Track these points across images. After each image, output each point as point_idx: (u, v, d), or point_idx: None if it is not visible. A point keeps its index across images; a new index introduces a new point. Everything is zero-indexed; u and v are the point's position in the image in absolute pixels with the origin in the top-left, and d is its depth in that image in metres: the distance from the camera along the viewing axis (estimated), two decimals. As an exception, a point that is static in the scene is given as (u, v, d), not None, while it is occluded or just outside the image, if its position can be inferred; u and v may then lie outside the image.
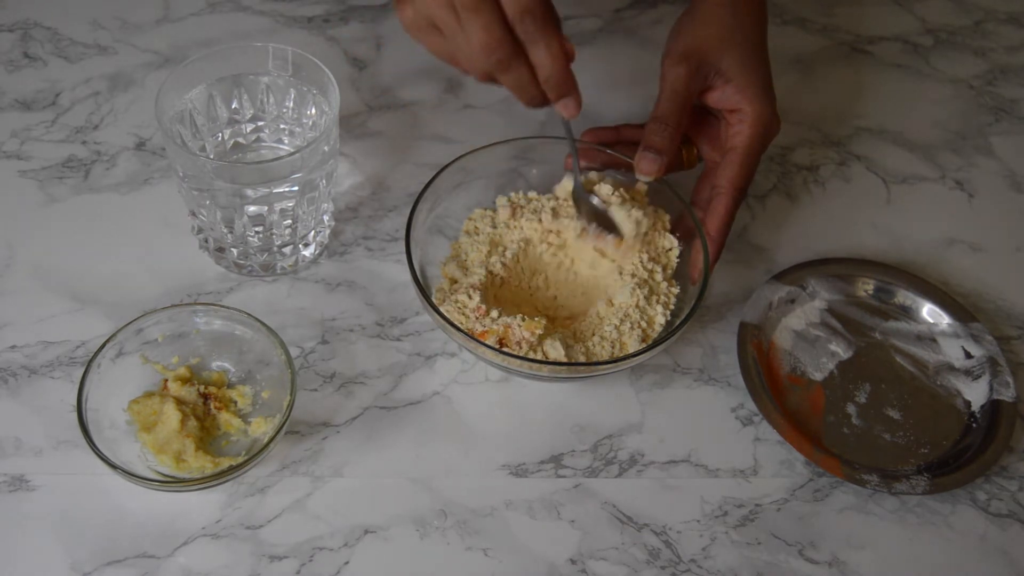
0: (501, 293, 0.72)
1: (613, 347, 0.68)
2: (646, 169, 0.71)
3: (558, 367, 0.66)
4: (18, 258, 0.76)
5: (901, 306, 0.77)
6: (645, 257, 0.72)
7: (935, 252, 0.83)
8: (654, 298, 0.70)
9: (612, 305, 0.70)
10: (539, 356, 0.66)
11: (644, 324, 0.69)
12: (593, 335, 0.69)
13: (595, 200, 0.72)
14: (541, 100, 0.62)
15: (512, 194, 0.76)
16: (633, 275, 0.71)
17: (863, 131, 0.91)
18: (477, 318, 0.68)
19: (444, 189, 0.74)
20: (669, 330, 0.69)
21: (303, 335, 0.73)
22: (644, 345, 0.68)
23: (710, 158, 0.76)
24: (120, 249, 0.77)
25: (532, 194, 0.76)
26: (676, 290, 0.72)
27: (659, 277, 0.72)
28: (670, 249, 0.73)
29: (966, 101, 0.95)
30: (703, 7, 0.74)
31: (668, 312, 0.70)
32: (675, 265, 0.73)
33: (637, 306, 0.69)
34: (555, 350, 0.67)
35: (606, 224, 0.71)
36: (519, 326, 0.66)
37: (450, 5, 0.58)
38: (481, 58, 0.59)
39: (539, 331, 0.67)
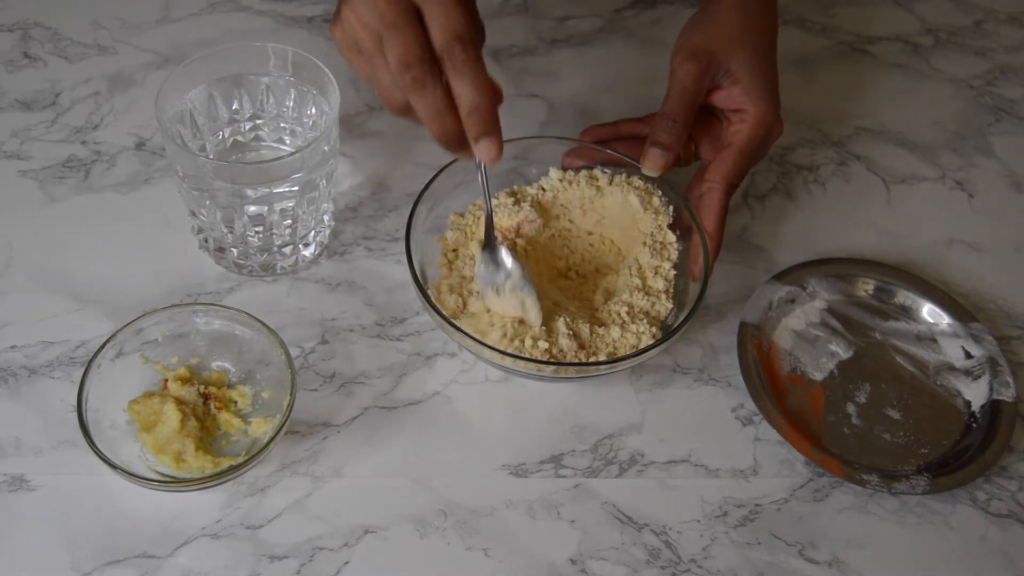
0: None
1: (638, 341, 0.68)
2: (653, 165, 0.71)
3: (558, 367, 0.66)
4: (18, 258, 0.76)
5: (901, 306, 0.77)
6: (648, 254, 0.72)
7: (935, 252, 0.83)
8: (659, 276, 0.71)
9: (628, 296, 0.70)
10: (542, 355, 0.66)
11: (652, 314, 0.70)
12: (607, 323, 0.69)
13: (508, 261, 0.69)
14: (457, 135, 0.58)
15: (515, 187, 0.76)
16: (633, 268, 0.71)
17: (863, 131, 0.91)
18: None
19: (444, 189, 0.73)
20: (672, 326, 0.69)
21: (303, 335, 0.73)
22: (653, 341, 0.68)
23: (709, 158, 0.76)
24: (120, 249, 0.77)
25: (529, 188, 0.76)
26: (674, 275, 0.72)
27: (663, 270, 0.72)
28: (672, 243, 0.73)
29: (966, 101, 0.95)
30: (715, 9, 0.74)
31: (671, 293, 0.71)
32: (676, 258, 0.73)
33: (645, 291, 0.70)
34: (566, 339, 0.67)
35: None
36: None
37: (373, 27, 0.56)
38: (397, 76, 0.56)
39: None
